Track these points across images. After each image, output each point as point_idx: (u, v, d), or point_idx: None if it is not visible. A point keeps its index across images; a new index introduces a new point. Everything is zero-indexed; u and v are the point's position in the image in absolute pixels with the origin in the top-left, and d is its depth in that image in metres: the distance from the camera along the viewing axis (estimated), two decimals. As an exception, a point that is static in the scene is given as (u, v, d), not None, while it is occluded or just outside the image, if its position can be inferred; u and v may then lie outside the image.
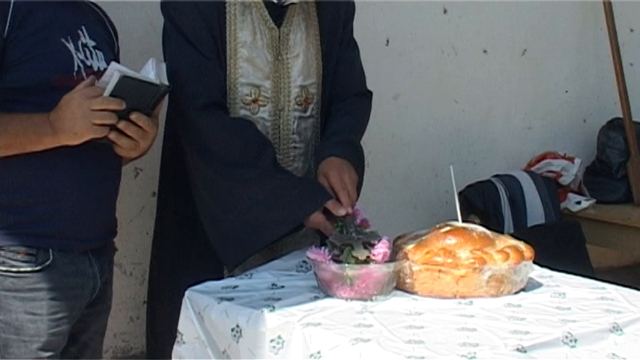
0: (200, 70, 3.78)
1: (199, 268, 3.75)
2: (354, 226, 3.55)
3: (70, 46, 3.35)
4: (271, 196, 3.73)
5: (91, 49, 3.45)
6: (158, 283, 4.11)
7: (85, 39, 3.44)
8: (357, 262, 3.32)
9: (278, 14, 3.88)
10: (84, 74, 3.33)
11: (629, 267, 5.87)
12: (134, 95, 3.24)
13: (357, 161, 3.88)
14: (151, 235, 4.26)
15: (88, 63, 3.40)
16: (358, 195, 3.82)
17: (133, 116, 3.22)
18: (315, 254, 3.33)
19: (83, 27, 3.45)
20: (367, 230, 3.55)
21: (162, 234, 4.13)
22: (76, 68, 3.34)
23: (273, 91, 3.91)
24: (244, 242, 3.75)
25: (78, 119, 3.14)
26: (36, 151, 3.21)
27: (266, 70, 3.88)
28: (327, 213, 3.64)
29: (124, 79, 3.16)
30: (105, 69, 3.33)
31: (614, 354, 2.89)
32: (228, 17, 3.84)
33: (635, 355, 2.92)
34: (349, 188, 3.69)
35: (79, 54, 3.37)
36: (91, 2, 3.60)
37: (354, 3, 4.10)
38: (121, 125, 3.22)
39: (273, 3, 3.86)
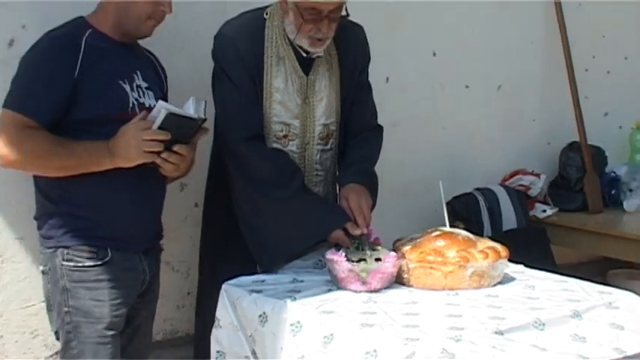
0: (243, 109, 3.79)
1: (235, 266, 3.67)
2: (368, 243, 3.58)
3: (127, 87, 3.40)
4: (300, 214, 3.75)
5: (144, 89, 3.48)
6: (203, 278, 4.10)
7: (139, 81, 3.47)
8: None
9: (306, 64, 3.87)
10: (137, 110, 3.34)
11: (586, 263, 5.85)
12: (177, 128, 3.29)
13: (372, 187, 3.92)
14: (194, 238, 4.27)
15: (141, 101, 3.44)
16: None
17: (175, 147, 3.28)
18: (332, 255, 3.39)
19: (138, 71, 3.48)
20: (379, 247, 3.57)
21: (207, 238, 4.12)
22: (130, 105, 3.38)
23: (300, 129, 3.91)
24: (277, 252, 3.75)
25: (132, 147, 3.21)
26: (97, 171, 3.25)
27: (295, 111, 3.88)
28: (345, 230, 3.64)
29: (170, 116, 3.23)
30: (154, 106, 3.37)
31: (575, 334, 2.97)
32: (265, 66, 3.84)
33: (592, 335, 2.98)
34: (365, 211, 3.70)
35: (133, 93, 3.41)
36: (146, 50, 3.62)
37: (369, 54, 4.10)
38: (165, 155, 3.31)
39: (303, 56, 3.84)
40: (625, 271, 5.92)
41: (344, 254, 3.42)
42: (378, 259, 3.41)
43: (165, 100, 3.56)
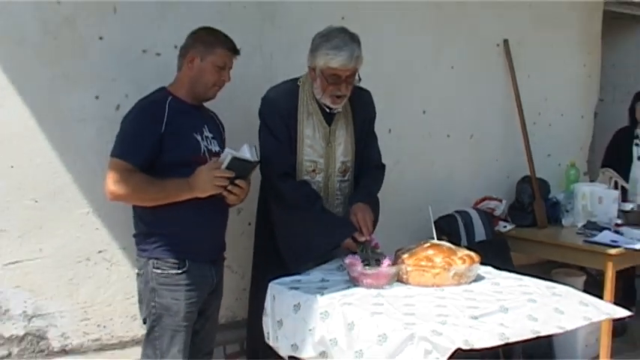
0: (279, 153, 3.82)
1: (278, 269, 3.66)
2: (370, 248, 3.65)
3: (199, 138, 3.45)
4: (320, 227, 3.77)
5: (210, 139, 3.53)
6: (254, 278, 4.11)
7: (207, 133, 3.52)
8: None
9: (329, 118, 3.89)
10: (207, 155, 3.42)
11: (536, 265, 5.73)
12: (238, 167, 3.36)
13: (374, 206, 3.90)
14: (248, 249, 4.22)
15: (209, 148, 3.49)
16: (375, 227, 3.82)
17: (237, 181, 3.33)
18: (350, 259, 3.41)
19: (205, 125, 3.54)
20: (378, 251, 3.65)
21: (257, 248, 4.11)
22: (202, 151, 3.43)
23: (324, 165, 3.91)
24: (302, 256, 3.77)
25: (206, 182, 3.32)
26: (182, 202, 3.33)
27: (321, 152, 3.88)
28: (354, 238, 3.70)
29: (234, 159, 3.32)
30: (220, 151, 3.53)
31: (530, 315, 3.01)
32: (299, 119, 3.87)
33: (542, 316, 3.01)
34: (368, 224, 3.72)
35: (203, 142, 3.46)
36: (209, 110, 3.68)
37: (375, 111, 4.12)
38: (230, 187, 3.39)
39: (326, 111, 3.88)
40: (564, 270, 5.85)
41: (359, 259, 3.42)
42: (377, 260, 3.46)
43: (224, 146, 3.64)
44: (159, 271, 3.38)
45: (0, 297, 3.66)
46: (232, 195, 3.42)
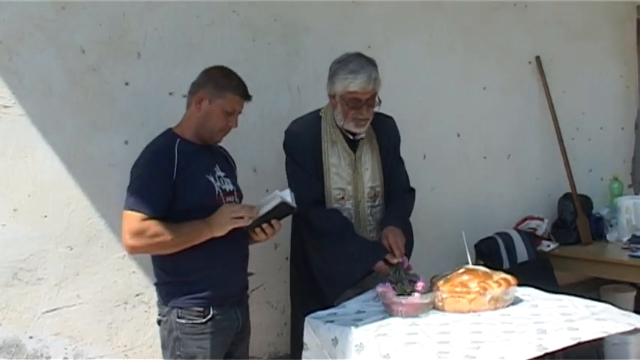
0: (307, 182, 3.82)
1: (316, 302, 3.70)
2: (403, 270, 3.59)
3: (212, 179, 3.40)
4: (352, 253, 3.75)
5: (223, 178, 3.48)
6: (294, 312, 4.09)
7: (219, 172, 3.46)
8: (405, 293, 3.36)
9: (353, 144, 3.88)
10: (222, 196, 3.39)
11: (582, 282, 5.65)
12: (279, 210, 3.38)
13: (406, 228, 3.89)
14: (287, 283, 4.19)
15: (223, 187, 3.43)
16: (409, 252, 3.86)
17: (273, 221, 3.34)
18: (382, 288, 3.40)
19: (217, 164, 3.48)
20: (411, 272, 3.60)
21: (294, 283, 4.11)
22: (217, 193, 3.38)
23: (353, 192, 3.91)
24: (338, 283, 3.78)
25: (224, 216, 3.29)
26: (201, 247, 3.27)
27: (348, 179, 3.87)
28: (386, 262, 3.68)
29: (280, 203, 3.33)
30: (234, 189, 3.52)
31: (570, 327, 2.99)
32: (323, 149, 3.89)
33: (583, 325, 3.01)
34: (400, 246, 3.70)
35: (217, 183, 3.40)
36: (219, 146, 3.63)
37: (399, 136, 4.11)
38: (264, 226, 3.39)
39: (350, 139, 3.89)
40: (613, 286, 5.75)
41: (391, 287, 3.39)
42: (411, 281, 3.44)
43: (237, 181, 3.62)
44: (183, 320, 3.31)
45: (40, 345, 3.68)
46: (263, 234, 3.40)
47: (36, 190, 3.66)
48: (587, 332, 2.98)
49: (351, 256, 3.73)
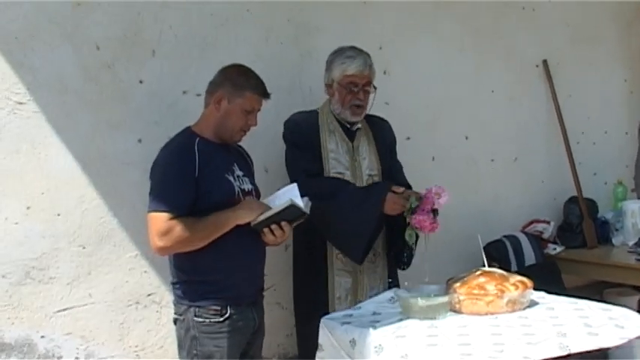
0: (305, 160, 3.91)
1: (315, 305, 3.78)
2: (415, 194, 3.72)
3: (231, 178, 3.35)
4: (360, 198, 3.79)
5: (242, 177, 3.43)
6: (297, 314, 4.11)
7: (237, 171, 3.42)
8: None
9: (350, 134, 4.00)
10: (241, 195, 3.38)
11: (587, 285, 5.64)
12: (289, 213, 3.31)
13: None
14: (297, 285, 4.11)
15: (242, 187, 3.40)
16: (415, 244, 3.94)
17: (283, 224, 3.28)
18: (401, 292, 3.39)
19: (235, 163, 3.43)
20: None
21: (297, 284, 4.13)
22: (236, 192, 3.33)
23: (352, 178, 3.94)
24: (360, 231, 3.77)
25: (253, 202, 3.36)
26: (220, 247, 3.24)
27: (346, 164, 3.94)
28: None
29: (291, 206, 3.27)
30: (252, 189, 3.49)
31: (590, 332, 2.92)
32: (321, 136, 3.94)
33: (603, 333, 2.94)
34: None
35: (236, 182, 3.36)
36: (237, 145, 3.58)
37: (394, 136, 4.21)
38: (273, 227, 3.32)
39: (347, 128, 3.98)
40: (617, 290, 5.73)
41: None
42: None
43: (254, 180, 3.58)
44: (200, 319, 3.27)
45: (52, 344, 3.63)
46: (272, 236, 3.34)
47: (49, 188, 3.61)
48: (608, 337, 2.94)
49: (361, 200, 3.76)
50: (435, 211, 3.69)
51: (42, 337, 3.61)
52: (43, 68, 3.59)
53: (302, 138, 3.91)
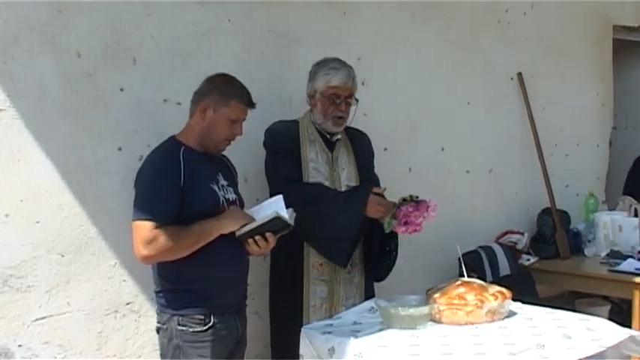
0: (285, 167, 3.90)
1: (290, 315, 3.80)
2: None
3: (216, 188, 3.33)
4: (342, 202, 3.80)
5: (226, 187, 3.41)
6: (273, 324, 4.12)
7: (222, 181, 3.40)
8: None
9: (330, 145, 4.01)
10: (225, 205, 3.36)
11: (559, 295, 5.70)
12: (273, 224, 3.28)
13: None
14: (274, 293, 4.11)
15: (227, 197, 3.38)
16: (394, 258, 3.99)
17: (267, 235, 3.26)
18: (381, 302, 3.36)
19: (220, 173, 3.41)
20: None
21: (274, 293, 4.12)
22: (221, 202, 3.31)
23: (331, 187, 3.91)
24: (345, 234, 3.77)
25: (237, 212, 3.33)
26: (204, 256, 3.21)
27: (326, 174, 3.94)
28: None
29: (275, 218, 3.26)
30: (236, 199, 3.46)
31: (568, 344, 2.98)
32: (301, 145, 3.94)
33: (581, 341, 3.01)
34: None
35: (220, 192, 3.34)
36: (222, 154, 3.56)
37: (372, 150, 4.25)
38: (257, 238, 3.29)
39: (327, 138, 3.99)
40: (587, 300, 5.82)
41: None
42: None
43: (238, 190, 3.56)
44: (184, 328, 3.25)
45: (29, 353, 3.57)
46: (256, 247, 3.31)
47: (28, 196, 3.56)
48: (585, 347, 2.98)
49: (343, 204, 3.77)
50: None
51: (19, 345, 3.55)
52: (23, 75, 3.54)
53: (282, 146, 3.91)
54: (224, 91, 3.39)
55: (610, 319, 5.35)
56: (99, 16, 3.75)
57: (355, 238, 3.82)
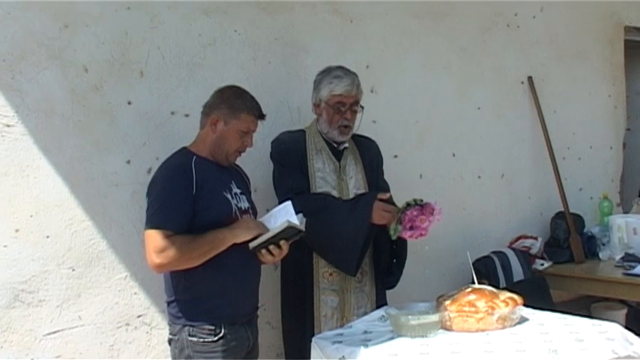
0: (292, 179, 3.89)
1: (300, 328, 3.81)
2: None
3: (229, 196, 3.34)
4: (348, 210, 3.79)
5: (239, 195, 3.42)
6: (285, 333, 4.10)
7: (235, 189, 3.41)
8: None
9: (338, 154, 4.00)
10: (238, 214, 3.38)
11: (574, 300, 5.69)
12: (287, 232, 3.31)
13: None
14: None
15: (239, 205, 3.38)
16: (402, 264, 3.98)
17: (281, 242, 3.26)
18: (391, 310, 3.32)
19: (232, 181, 3.43)
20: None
21: (286, 303, 4.09)
22: (234, 211, 3.31)
23: (339, 196, 3.90)
24: (350, 247, 3.77)
25: (250, 222, 3.36)
26: (216, 266, 3.21)
27: (333, 183, 3.93)
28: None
29: (288, 228, 3.27)
30: (249, 207, 3.48)
31: (581, 348, 2.93)
32: (308, 155, 3.94)
33: (595, 349, 2.94)
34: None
35: (233, 200, 3.34)
36: (234, 163, 3.57)
37: (382, 156, 4.21)
38: (271, 247, 3.32)
39: (334, 148, 3.98)
40: (604, 304, 5.79)
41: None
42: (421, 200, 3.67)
43: (251, 199, 3.59)
44: (195, 338, 3.26)
45: (42, 368, 3.60)
46: (270, 256, 3.34)
47: (38, 211, 3.58)
48: (600, 353, 2.93)
49: (349, 212, 3.76)
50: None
51: (31, 360, 3.58)
52: (30, 90, 3.56)
53: (289, 157, 3.91)
54: (234, 103, 3.41)
55: (627, 322, 5.40)
56: (105, 30, 3.77)
57: (363, 246, 3.81)
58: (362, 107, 3.96)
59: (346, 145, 4.00)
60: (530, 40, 5.78)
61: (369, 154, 4.11)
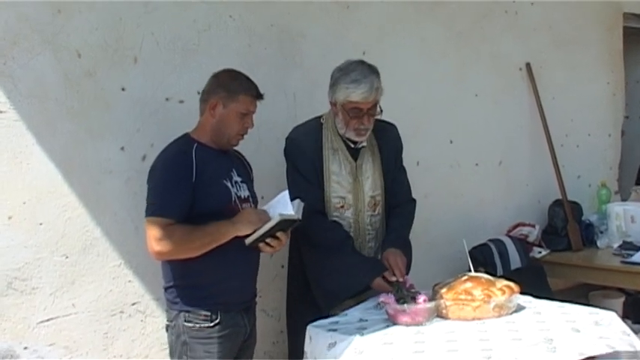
0: (307, 191, 3.70)
1: (311, 310, 3.66)
2: (405, 289, 3.50)
3: (229, 184, 3.32)
4: (350, 267, 3.69)
5: (240, 183, 3.40)
6: (289, 320, 4.05)
7: (235, 177, 3.39)
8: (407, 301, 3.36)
9: (354, 153, 3.81)
10: (237, 202, 3.37)
11: (572, 288, 5.69)
12: (283, 223, 3.29)
13: (406, 249, 3.82)
14: (282, 291, 4.15)
15: (239, 194, 3.36)
16: (408, 271, 3.74)
17: (279, 234, 3.26)
18: (384, 298, 3.34)
19: (233, 169, 3.40)
20: (413, 290, 3.49)
21: (290, 291, 4.05)
22: (233, 199, 3.30)
23: (353, 200, 3.83)
24: (333, 297, 3.72)
25: (252, 214, 3.30)
26: (214, 253, 3.20)
27: (348, 187, 3.80)
28: (385, 279, 3.61)
29: (282, 221, 3.26)
30: (249, 196, 3.47)
31: (577, 338, 2.95)
32: (324, 156, 3.81)
33: (590, 335, 2.99)
34: (400, 266, 3.63)
35: (233, 189, 3.33)
36: (235, 150, 3.55)
37: (402, 144, 4.04)
38: (269, 240, 3.32)
39: (351, 147, 3.83)
40: (602, 292, 5.76)
41: (392, 297, 3.36)
42: (413, 298, 3.34)
43: (253, 187, 3.58)
44: (190, 324, 3.27)
45: (35, 355, 3.57)
46: (269, 247, 3.35)
47: (31, 198, 3.56)
48: (595, 344, 2.94)
49: (350, 270, 3.68)
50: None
51: (25, 348, 3.54)
52: (23, 76, 3.53)
53: (303, 160, 3.81)
54: (231, 86, 3.40)
55: (624, 310, 5.40)
56: (98, 15, 3.73)
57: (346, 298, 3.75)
58: (381, 109, 3.79)
59: (364, 144, 3.87)
60: (529, 26, 5.77)
61: (388, 144, 3.97)
